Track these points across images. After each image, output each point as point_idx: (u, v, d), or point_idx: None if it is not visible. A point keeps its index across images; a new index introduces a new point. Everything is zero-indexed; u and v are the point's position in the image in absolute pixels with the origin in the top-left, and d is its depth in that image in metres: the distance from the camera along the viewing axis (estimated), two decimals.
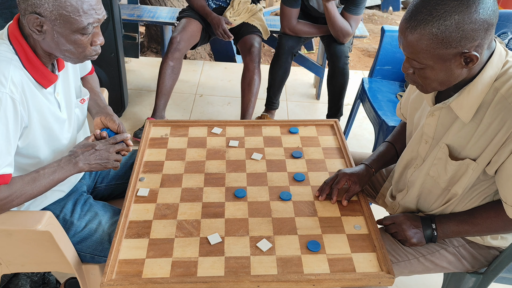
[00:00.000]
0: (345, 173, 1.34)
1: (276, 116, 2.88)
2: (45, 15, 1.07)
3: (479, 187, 1.18)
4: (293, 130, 1.65)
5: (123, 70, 2.74)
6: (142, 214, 1.27)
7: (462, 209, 1.23)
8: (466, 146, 1.12)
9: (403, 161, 1.35)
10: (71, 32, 1.10)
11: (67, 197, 1.37)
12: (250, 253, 1.16)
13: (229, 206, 1.31)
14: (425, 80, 1.07)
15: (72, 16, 1.08)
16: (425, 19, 0.97)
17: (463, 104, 1.08)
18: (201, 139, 1.59)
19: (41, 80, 1.17)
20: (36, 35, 1.10)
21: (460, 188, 1.17)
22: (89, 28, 1.11)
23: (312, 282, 1.09)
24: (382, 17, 5.18)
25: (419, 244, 1.25)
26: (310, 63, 3.08)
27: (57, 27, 1.09)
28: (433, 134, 1.21)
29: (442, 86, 1.07)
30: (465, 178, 1.15)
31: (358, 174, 1.35)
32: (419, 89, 1.13)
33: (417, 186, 1.28)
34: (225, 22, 2.56)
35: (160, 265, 1.12)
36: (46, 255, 1.24)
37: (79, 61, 1.19)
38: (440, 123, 1.18)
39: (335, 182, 1.33)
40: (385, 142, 1.48)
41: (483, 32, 0.97)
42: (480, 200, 1.21)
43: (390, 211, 1.44)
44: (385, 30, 2.35)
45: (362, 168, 1.37)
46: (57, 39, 1.11)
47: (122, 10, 2.95)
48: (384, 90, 2.42)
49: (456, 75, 1.04)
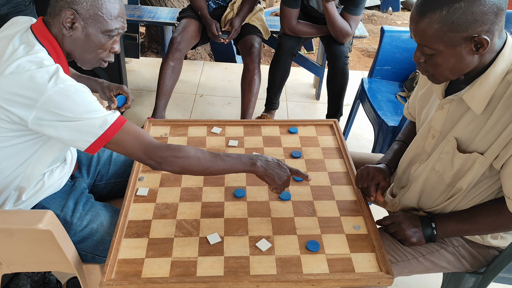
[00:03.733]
0: (374, 168, 1.34)
1: (276, 116, 2.89)
2: (80, 13, 1.14)
3: (482, 184, 1.18)
4: (293, 130, 1.65)
5: (124, 70, 2.74)
6: (142, 214, 1.27)
7: (464, 207, 1.23)
8: (475, 139, 1.12)
9: (407, 157, 1.35)
10: (99, 32, 1.17)
11: (66, 195, 1.37)
12: (250, 253, 1.16)
13: (229, 206, 1.31)
14: (436, 68, 1.07)
15: (104, 18, 1.16)
16: (435, 3, 0.99)
17: (475, 95, 1.08)
18: (200, 139, 1.59)
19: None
20: (66, 30, 1.15)
21: (464, 183, 1.17)
22: (114, 32, 1.19)
23: (311, 282, 1.09)
24: (381, 17, 5.18)
25: (418, 243, 1.25)
26: (310, 63, 3.09)
27: (88, 26, 1.15)
28: (440, 128, 1.20)
29: (454, 74, 1.07)
30: (471, 173, 1.14)
31: (385, 171, 1.35)
32: (430, 79, 1.13)
33: (421, 182, 1.27)
34: (215, 28, 2.57)
35: (160, 264, 1.12)
36: (47, 254, 1.24)
37: (93, 65, 1.24)
38: (448, 117, 1.18)
39: (369, 179, 1.33)
40: (398, 141, 1.48)
41: (493, 16, 0.97)
42: (483, 198, 1.20)
43: (389, 209, 1.44)
44: (385, 30, 2.36)
45: (383, 165, 1.38)
46: (83, 37, 1.17)
47: None
48: (383, 90, 2.42)
49: (467, 62, 1.04)
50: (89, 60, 1.22)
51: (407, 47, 2.39)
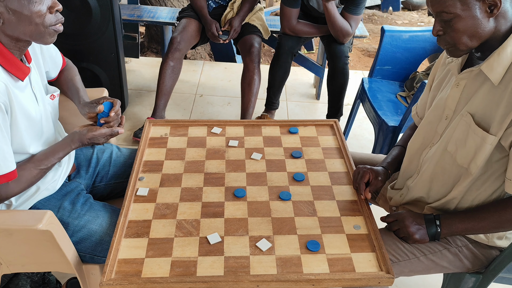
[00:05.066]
0: (367, 167, 1.36)
1: (276, 116, 2.88)
2: None
3: (492, 173, 1.18)
4: (293, 130, 1.65)
5: (123, 70, 2.74)
6: (142, 214, 1.27)
7: (472, 202, 1.23)
8: (490, 112, 1.13)
9: (416, 143, 1.36)
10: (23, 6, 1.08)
11: (62, 197, 1.36)
12: (250, 253, 1.16)
13: (229, 205, 1.31)
14: (456, 35, 1.10)
15: None
16: None
17: (493, 66, 1.12)
18: (200, 139, 1.59)
19: (16, 73, 1.17)
20: None
21: (475, 166, 1.17)
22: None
23: (311, 282, 1.09)
24: (382, 17, 5.18)
25: (421, 241, 1.25)
26: (310, 63, 3.08)
27: (9, 4, 1.07)
28: (454, 107, 1.23)
29: (473, 40, 1.11)
30: (482, 154, 1.15)
31: (378, 170, 1.36)
32: (451, 53, 1.16)
33: (432, 165, 1.27)
34: (215, 29, 2.57)
35: (160, 264, 1.12)
36: (47, 255, 1.24)
37: (47, 37, 1.17)
38: (464, 94, 1.20)
39: (359, 177, 1.34)
40: (397, 146, 1.49)
41: None
42: (491, 191, 1.20)
43: (394, 204, 1.43)
44: (385, 30, 2.35)
45: (380, 168, 1.39)
46: (15, 18, 1.10)
47: (122, 10, 2.95)
48: (384, 90, 2.42)
49: (483, 26, 1.08)
50: (39, 34, 1.15)
51: (408, 46, 2.39)
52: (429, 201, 1.32)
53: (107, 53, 2.57)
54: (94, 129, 1.30)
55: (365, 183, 1.34)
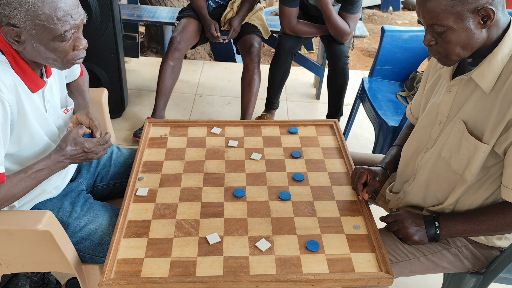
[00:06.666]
0: (364, 168, 1.35)
1: (276, 116, 2.88)
2: (20, 26, 1.05)
3: (488, 177, 1.18)
4: (293, 130, 1.65)
5: (123, 70, 2.74)
6: (141, 214, 1.27)
7: (470, 206, 1.23)
8: (482, 120, 1.13)
9: (411, 148, 1.35)
10: (49, 40, 1.08)
11: (62, 197, 1.36)
12: (249, 253, 1.16)
13: (228, 206, 1.31)
14: (448, 46, 1.09)
15: (46, 25, 1.05)
16: None
17: (484, 73, 1.11)
18: (200, 139, 1.59)
19: (28, 84, 1.16)
20: (16, 45, 1.08)
21: (469, 173, 1.16)
22: (67, 34, 1.09)
23: (311, 282, 1.09)
24: (382, 17, 5.18)
25: (421, 242, 1.25)
26: (310, 63, 3.08)
27: (34, 37, 1.06)
28: (447, 113, 1.22)
29: (465, 50, 1.10)
30: (476, 161, 1.14)
31: (375, 171, 1.36)
32: (443, 62, 1.15)
33: (427, 170, 1.27)
34: (214, 29, 2.57)
35: (159, 264, 1.12)
36: (46, 255, 1.24)
37: (65, 67, 1.18)
38: (456, 99, 1.20)
39: (356, 178, 1.34)
40: (395, 146, 1.49)
41: None
42: (487, 195, 1.20)
43: (392, 206, 1.43)
44: (385, 30, 2.35)
45: (378, 168, 1.38)
46: (37, 48, 1.09)
47: (122, 10, 2.95)
48: (384, 90, 2.42)
49: (476, 37, 1.07)
50: (56, 65, 1.15)
51: (408, 46, 2.39)
52: (426, 206, 1.32)
53: (107, 53, 2.57)
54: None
55: (363, 183, 1.33)
